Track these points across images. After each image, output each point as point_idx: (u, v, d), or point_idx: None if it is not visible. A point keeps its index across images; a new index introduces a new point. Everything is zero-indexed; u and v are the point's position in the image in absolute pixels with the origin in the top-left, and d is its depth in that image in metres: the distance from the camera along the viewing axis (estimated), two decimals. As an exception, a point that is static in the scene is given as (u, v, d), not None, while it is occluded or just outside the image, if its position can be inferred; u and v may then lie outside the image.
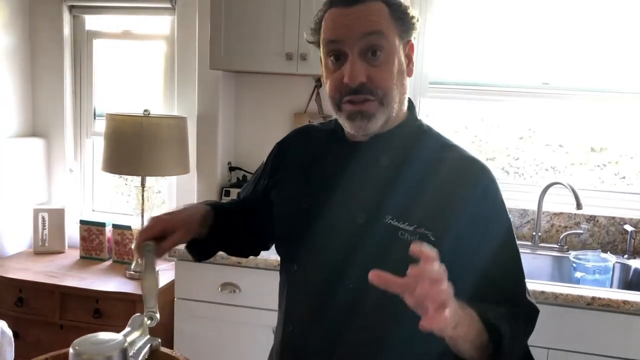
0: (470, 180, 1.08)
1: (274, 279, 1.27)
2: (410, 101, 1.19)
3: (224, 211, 1.27)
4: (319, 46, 1.13)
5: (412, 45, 1.13)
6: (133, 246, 1.10)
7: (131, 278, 2.53)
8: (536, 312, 1.10)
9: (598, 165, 2.60)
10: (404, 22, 1.09)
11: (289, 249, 1.21)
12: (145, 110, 2.44)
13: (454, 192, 1.06)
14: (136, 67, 2.99)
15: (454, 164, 1.10)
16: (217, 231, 1.23)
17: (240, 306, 2.23)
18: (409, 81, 1.15)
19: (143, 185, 2.53)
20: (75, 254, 2.83)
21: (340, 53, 1.06)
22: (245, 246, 1.36)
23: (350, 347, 1.10)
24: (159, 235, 1.09)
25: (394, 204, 1.06)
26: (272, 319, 1.33)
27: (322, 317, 1.12)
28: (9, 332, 1.61)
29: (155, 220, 1.11)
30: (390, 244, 1.05)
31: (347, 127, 1.10)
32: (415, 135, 1.14)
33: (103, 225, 2.77)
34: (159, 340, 0.95)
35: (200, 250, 1.27)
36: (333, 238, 1.10)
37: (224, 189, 2.57)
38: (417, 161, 1.10)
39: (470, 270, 1.06)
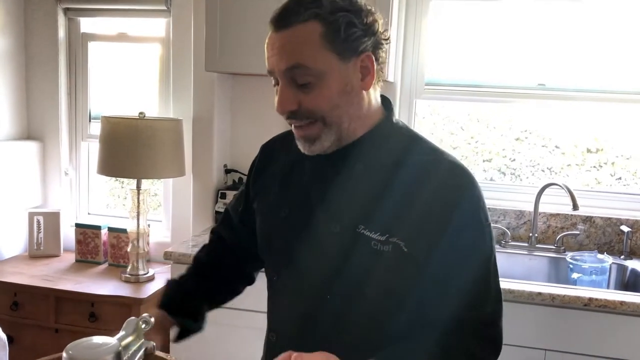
0: (445, 186, 1.03)
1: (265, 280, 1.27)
2: (387, 101, 1.15)
3: (185, 294, 1.27)
4: None
5: (369, 56, 1.04)
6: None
7: (127, 281, 2.51)
8: (500, 349, 1.05)
9: (594, 166, 2.60)
10: (344, 41, 1.01)
11: (269, 258, 1.21)
12: (141, 113, 2.43)
13: (427, 200, 1.02)
14: (131, 70, 2.98)
15: (429, 169, 1.05)
16: (193, 310, 1.25)
17: (236, 309, 2.22)
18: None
19: (139, 188, 2.52)
20: (70, 258, 2.82)
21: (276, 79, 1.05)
22: (238, 285, 1.37)
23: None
24: None
25: (366, 213, 1.04)
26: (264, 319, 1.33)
27: (301, 327, 1.12)
28: (3, 337, 1.60)
29: None
30: (363, 254, 1.03)
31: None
32: (390, 139, 1.10)
33: (99, 228, 2.76)
34: (154, 343, 0.94)
35: (191, 330, 1.27)
36: (309, 248, 1.09)
37: (220, 191, 2.56)
38: (391, 168, 1.06)
39: (441, 282, 1.02)
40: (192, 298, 1.27)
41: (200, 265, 1.35)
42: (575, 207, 2.24)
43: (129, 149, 2.36)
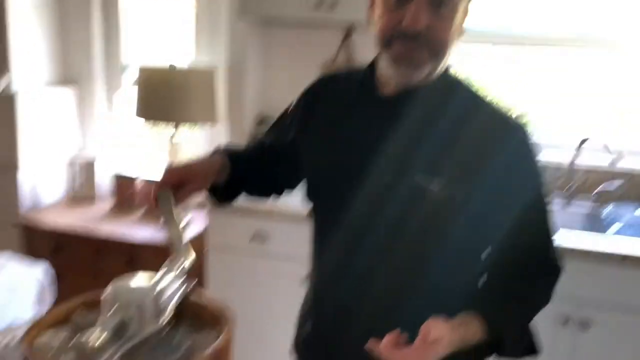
0: (503, 136, 1.05)
1: (305, 229, 1.27)
2: None
3: (242, 159, 1.25)
4: None
5: (469, 6, 1.07)
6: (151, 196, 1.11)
7: (164, 228, 2.56)
8: (560, 271, 1.10)
9: (634, 119, 2.52)
10: None
11: (318, 204, 1.21)
12: (171, 66, 2.44)
13: (485, 149, 1.04)
14: (166, 16, 2.95)
15: (487, 119, 1.07)
16: (236, 177, 1.22)
17: (271, 256, 2.25)
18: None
19: (174, 138, 2.54)
20: (107, 205, 2.87)
21: None
22: (265, 189, 1.35)
23: (374, 303, 1.11)
24: (176, 185, 1.10)
25: (423, 161, 1.04)
26: (303, 268, 1.34)
27: (349, 273, 1.13)
28: (50, 275, 1.66)
29: (171, 170, 1.12)
30: (418, 202, 1.04)
31: (388, 69, 1.06)
32: (448, 88, 1.10)
33: (134, 177, 2.80)
34: (194, 282, 0.95)
35: (221, 195, 1.26)
36: (362, 195, 1.09)
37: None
38: (449, 116, 1.06)
39: (498, 228, 1.05)
40: (246, 163, 1.24)
41: (251, 149, 1.31)
42: (613, 161, 2.19)
43: (164, 97, 2.40)
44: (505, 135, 1.06)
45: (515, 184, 1.05)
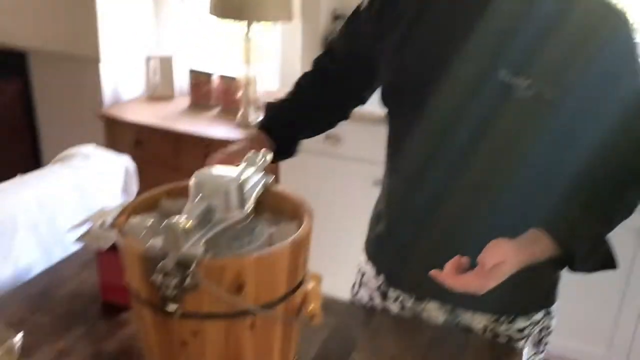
0: (603, 31, 0.96)
1: (379, 131, 1.25)
2: None
3: (281, 120, 1.25)
4: None
5: None
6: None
7: (239, 126, 2.61)
8: None
9: None
10: None
11: (398, 102, 1.17)
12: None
13: (580, 45, 0.95)
14: None
15: (585, 13, 0.97)
16: (282, 140, 1.22)
17: (344, 157, 2.26)
18: None
19: (248, 35, 2.51)
20: (184, 102, 2.93)
21: None
22: (327, 124, 1.34)
23: (453, 205, 1.09)
24: None
25: (510, 56, 0.98)
26: (376, 170, 1.34)
27: (429, 172, 1.10)
28: (133, 166, 1.74)
29: (213, 162, 1.11)
30: (502, 100, 0.98)
31: None
32: None
33: (210, 74, 2.82)
34: (273, 176, 0.97)
35: (283, 154, 1.26)
36: (445, 92, 1.04)
37: (329, 38, 2.51)
38: (541, 7, 0.98)
39: (589, 133, 0.98)
40: (291, 123, 1.25)
41: (301, 91, 1.30)
42: None
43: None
44: (605, 32, 0.97)
45: (612, 85, 0.97)
